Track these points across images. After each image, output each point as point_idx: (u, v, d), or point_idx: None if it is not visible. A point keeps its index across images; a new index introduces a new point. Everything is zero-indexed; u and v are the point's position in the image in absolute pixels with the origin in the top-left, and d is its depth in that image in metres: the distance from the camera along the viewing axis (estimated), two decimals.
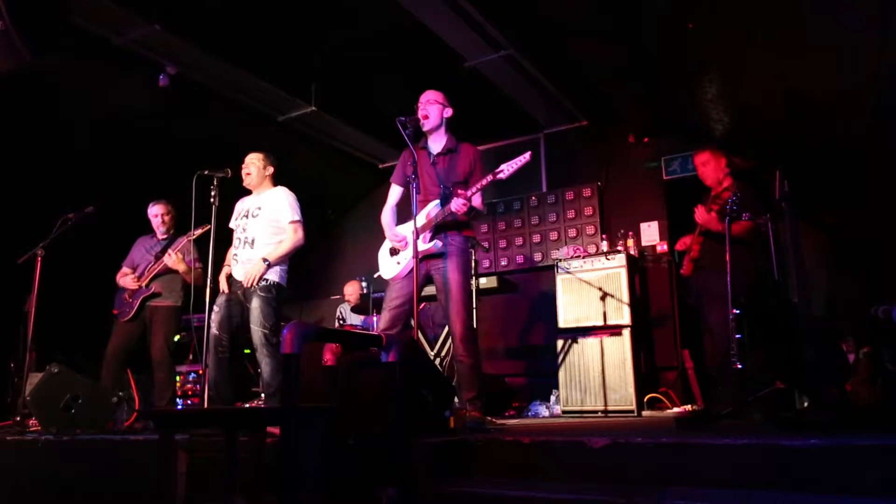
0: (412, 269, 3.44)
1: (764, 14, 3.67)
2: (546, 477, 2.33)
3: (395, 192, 3.79)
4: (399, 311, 3.56)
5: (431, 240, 3.52)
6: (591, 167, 6.40)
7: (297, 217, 3.89)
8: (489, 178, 3.46)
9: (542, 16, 4.80)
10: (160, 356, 4.67)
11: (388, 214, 3.78)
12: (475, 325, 5.00)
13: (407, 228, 3.62)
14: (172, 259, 4.58)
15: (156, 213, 4.90)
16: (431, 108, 3.60)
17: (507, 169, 3.44)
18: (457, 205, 3.38)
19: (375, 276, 3.93)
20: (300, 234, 3.87)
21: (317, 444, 2.19)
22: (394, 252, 3.71)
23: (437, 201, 3.55)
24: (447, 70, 5.26)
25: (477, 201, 3.54)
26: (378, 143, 6.70)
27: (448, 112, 3.66)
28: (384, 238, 3.78)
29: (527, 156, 3.47)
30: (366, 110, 6.30)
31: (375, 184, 7.47)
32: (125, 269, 4.91)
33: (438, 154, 3.65)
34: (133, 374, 5.04)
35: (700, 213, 4.02)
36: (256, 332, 3.71)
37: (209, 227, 3.96)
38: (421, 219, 3.53)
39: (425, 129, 3.62)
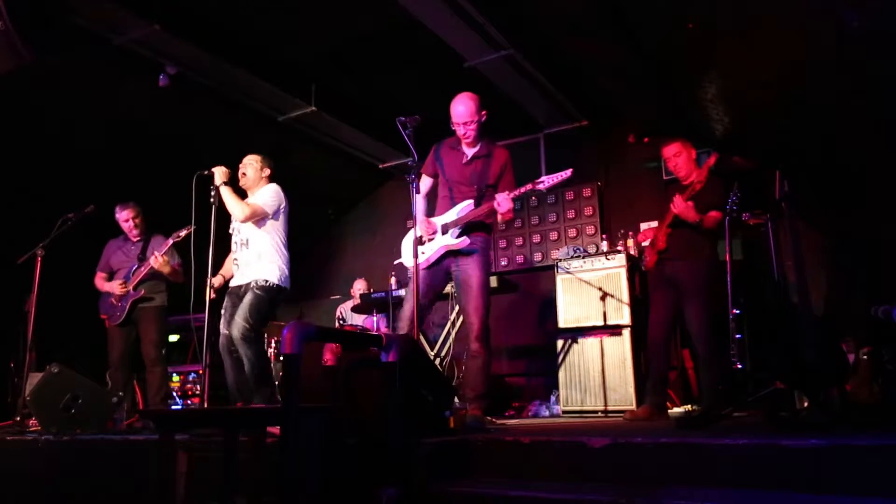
0: (435, 261, 3.58)
1: (764, 14, 3.66)
2: (546, 477, 2.33)
3: (426, 183, 3.85)
4: (425, 301, 3.60)
5: (460, 236, 3.58)
6: (591, 167, 6.40)
7: (269, 211, 3.89)
8: (529, 186, 3.54)
9: (542, 16, 4.80)
10: (151, 356, 4.70)
11: (421, 203, 3.77)
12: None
13: (439, 221, 3.68)
14: (159, 262, 4.58)
15: (126, 217, 4.82)
16: (470, 129, 3.60)
17: (547, 181, 3.51)
18: (506, 206, 3.45)
19: (396, 262, 3.94)
20: (255, 214, 3.83)
21: (317, 444, 2.19)
22: (421, 241, 3.72)
23: (471, 201, 3.62)
24: (447, 70, 5.26)
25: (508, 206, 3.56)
26: (378, 143, 6.68)
27: (483, 117, 3.65)
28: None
29: (568, 172, 3.52)
30: (366, 110, 6.30)
31: (375, 184, 7.44)
32: (102, 274, 4.91)
33: (475, 157, 3.68)
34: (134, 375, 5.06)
35: (678, 203, 3.96)
36: (238, 324, 3.70)
37: (192, 228, 3.97)
38: (452, 215, 3.62)
39: (466, 143, 3.69)
